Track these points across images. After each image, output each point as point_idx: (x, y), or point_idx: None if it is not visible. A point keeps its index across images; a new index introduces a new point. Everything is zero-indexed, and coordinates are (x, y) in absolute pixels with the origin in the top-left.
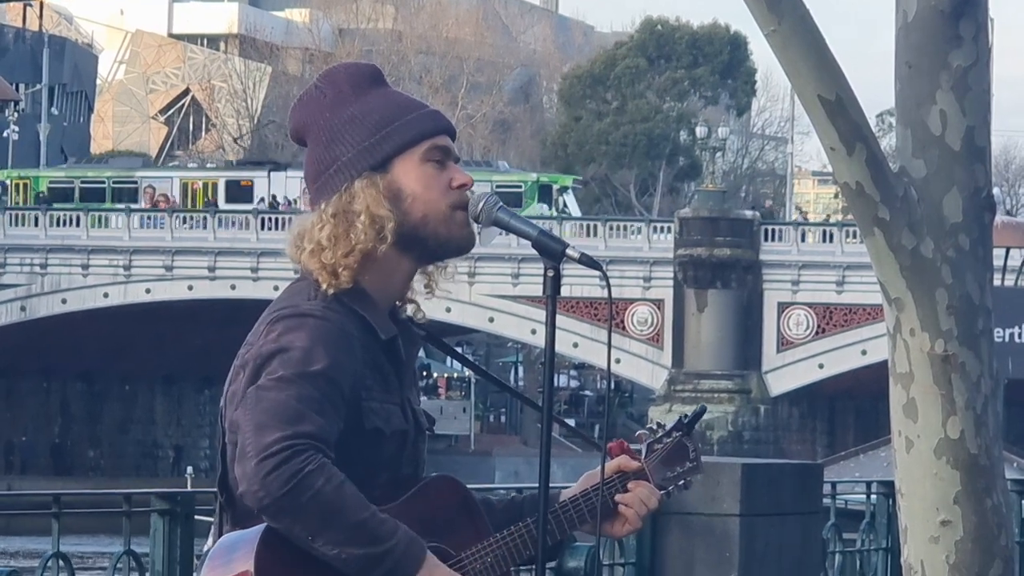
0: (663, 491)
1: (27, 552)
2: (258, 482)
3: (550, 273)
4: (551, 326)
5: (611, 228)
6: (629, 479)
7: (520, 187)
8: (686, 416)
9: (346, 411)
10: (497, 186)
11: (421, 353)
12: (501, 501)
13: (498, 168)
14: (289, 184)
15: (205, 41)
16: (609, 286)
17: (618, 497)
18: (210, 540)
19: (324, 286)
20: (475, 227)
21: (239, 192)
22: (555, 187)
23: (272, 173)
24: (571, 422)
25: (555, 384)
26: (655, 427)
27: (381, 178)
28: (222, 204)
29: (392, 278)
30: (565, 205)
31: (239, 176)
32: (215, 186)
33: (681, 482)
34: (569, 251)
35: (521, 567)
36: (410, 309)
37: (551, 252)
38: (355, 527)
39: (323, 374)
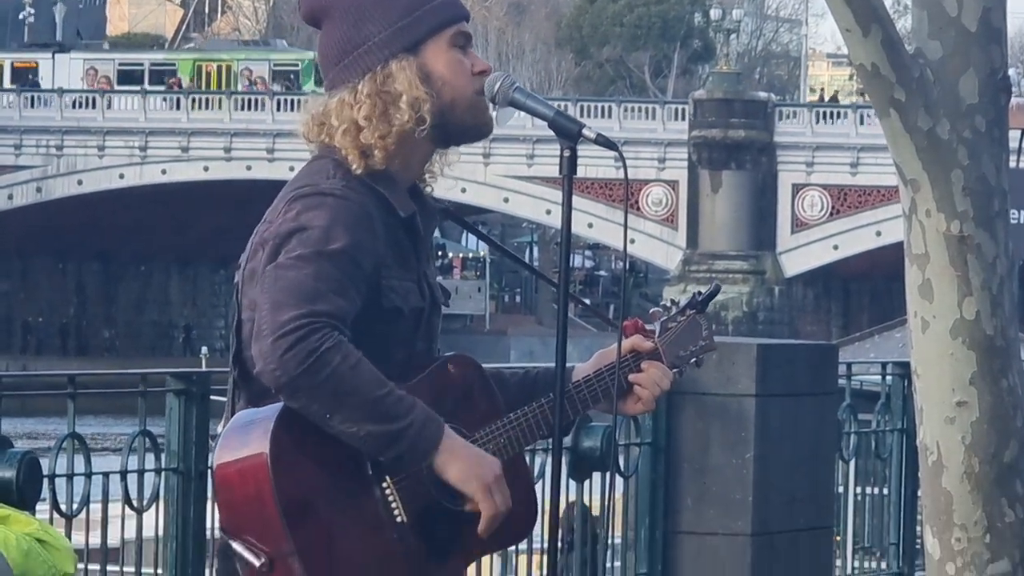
0: (676, 369)
1: (41, 434)
2: (275, 361)
3: (566, 153)
4: (567, 206)
5: (625, 110)
6: (643, 359)
7: (297, 66)
8: (700, 294)
9: (366, 290)
10: (275, 65)
11: (436, 232)
12: (515, 375)
13: (275, 47)
14: (72, 66)
15: None
16: (626, 167)
17: (632, 377)
18: (220, 426)
19: (354, 167)
20: (491, 107)
21: (24, 75)
22: None
23: (56, 55)
24: (586, 300)
25: (570, 264)
26: (669, 305)
27: (414, 59)
28: (7, 85)
29: (412, 159)
30: None
31: (24, 58)
32: (1, 68)
33: (693, 360)
34: (585, 131)
35: (536, 446)
36: (428, 188)
37: (567, 132)
38: (372, 404)
39: (343, 252)
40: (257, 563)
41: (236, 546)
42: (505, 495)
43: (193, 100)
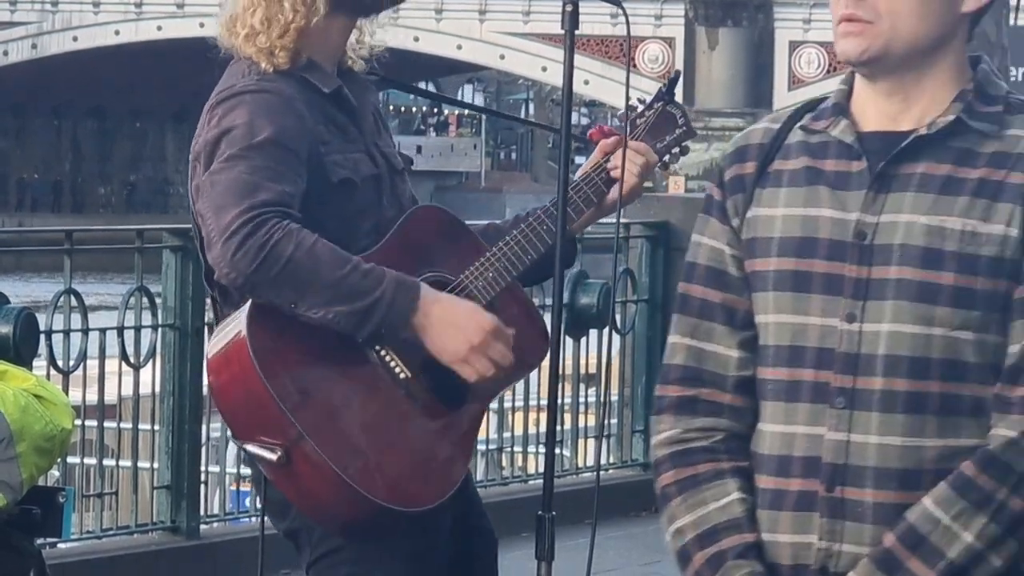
0: (658, 161)
1: (37, 295)
2: (228, 263)
3: (568, 8)
4: (569, 61)
5: None
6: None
7: None
8: (664, 84)
9: (307, 171)
10: None
11: (432, 89)
12: (506, 221)
13: None
14: None
15: None
16: (628, 23)
17: (609, 164)
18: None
19: (264, 66)
20: None
21: None
22: None
23: None
24: (583, 159)
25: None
26: (635, 104)
27: None
28: None
29: (328, 40)
30: None
31: None
32: None
33: (676, 149)
34: None
35: (529, 280)
36: (356, 64)
37: None
38: (335, 285)
39: (269, 141)
40: (274, 458)
41: (251, 448)
42: (496, 353)
43: None
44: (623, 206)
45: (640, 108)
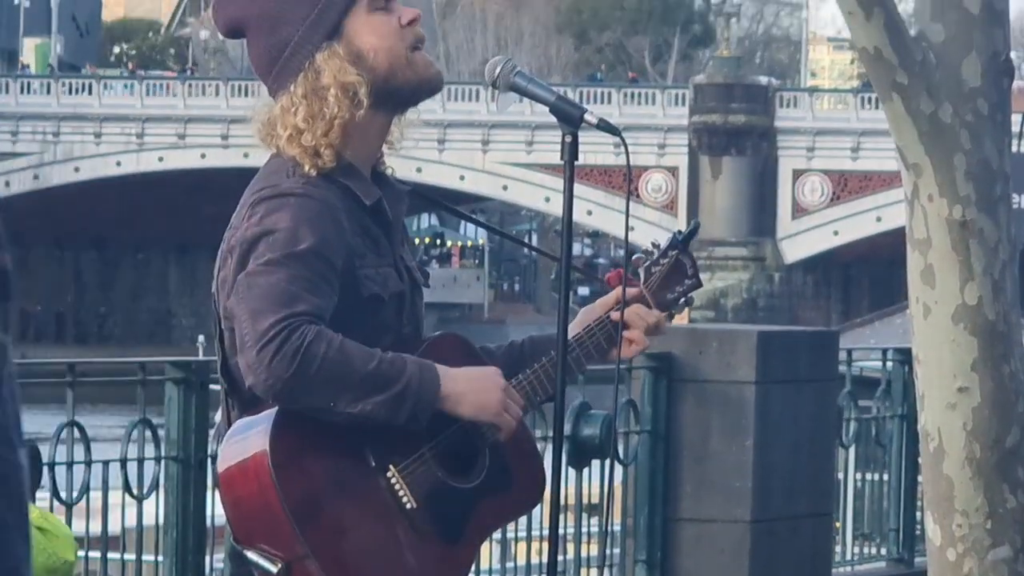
0: (666, 312)
1: (39, 428)
2: (264, 370)
3: (568, 139)
4: (569, 192)
5: (625, 95)
6: (629, 306)
7: None
8: (680, 233)
9: (340, 284)
10: None
11: (434, 221)
12: (500, 348)
13: None
14: None
15: None
16: (628, 153)
17: (615, 318)
18: (219, 415)
19: (307, 168)
20: (493, 93)
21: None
22: None
23: None
24: (585, 290)
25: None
26: (650, 249)
27: (339, 44)
28: None
29: (369, 138)
30: None
31: None
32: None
33: (682, 300)
34: (587, 116)
35: (536, 409)
36: (388, 170)
37: (569, 117)
38: (368, 378)
39: (311, 252)
40: (274, 570)
41: (251, 555)
42: (515, 401)
43: (190, 86)
44: (628, 359)
45: (655, 254)
